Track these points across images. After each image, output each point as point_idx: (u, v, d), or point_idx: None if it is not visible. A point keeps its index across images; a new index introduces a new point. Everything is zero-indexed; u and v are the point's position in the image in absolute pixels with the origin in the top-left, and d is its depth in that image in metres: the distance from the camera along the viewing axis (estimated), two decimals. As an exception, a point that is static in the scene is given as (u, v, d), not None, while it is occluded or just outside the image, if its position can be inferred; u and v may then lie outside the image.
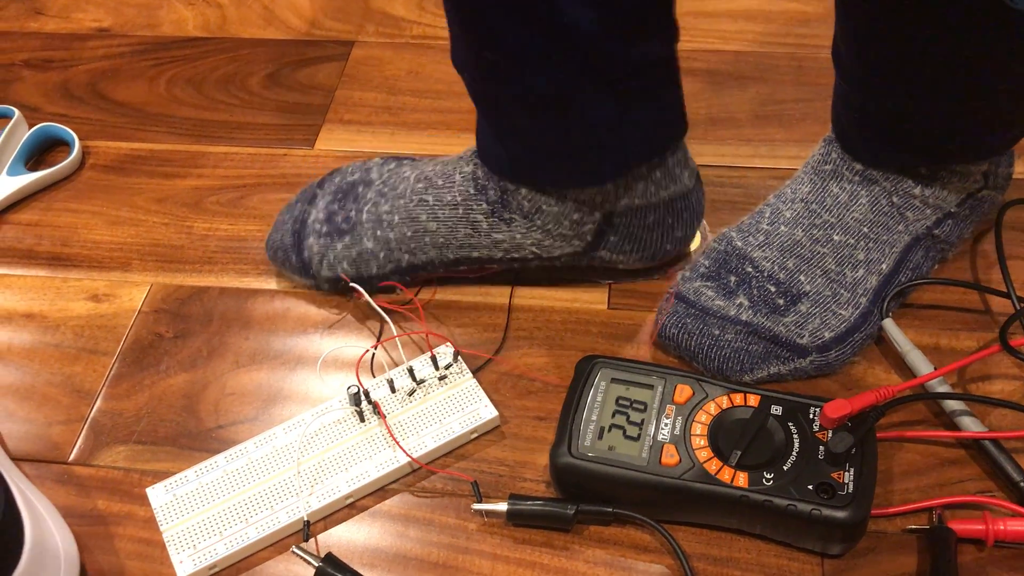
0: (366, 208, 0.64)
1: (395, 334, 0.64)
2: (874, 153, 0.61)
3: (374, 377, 0.61)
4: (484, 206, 0.61)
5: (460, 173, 0.62)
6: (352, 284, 0.64)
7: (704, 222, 0.68)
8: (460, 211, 0.61)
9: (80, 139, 0.80)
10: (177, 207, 0.75)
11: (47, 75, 0.89)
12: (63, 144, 0.82)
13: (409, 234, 0.63)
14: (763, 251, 0.61)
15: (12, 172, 0.77)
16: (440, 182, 0.63)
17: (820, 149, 0.63)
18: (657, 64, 0.56)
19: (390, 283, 0.65)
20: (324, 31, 0.91)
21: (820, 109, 0.79)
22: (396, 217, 0.63)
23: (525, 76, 0.54)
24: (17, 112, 0.81)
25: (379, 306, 0.63)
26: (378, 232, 0.63)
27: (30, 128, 0.81)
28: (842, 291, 0.60)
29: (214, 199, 0.76)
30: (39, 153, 0.82)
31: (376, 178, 0.66)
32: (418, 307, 0.66)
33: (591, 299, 0.66)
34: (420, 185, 0.63)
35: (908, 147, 0.60)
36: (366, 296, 0.63)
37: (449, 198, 0.62)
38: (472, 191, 0.61)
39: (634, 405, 0.55)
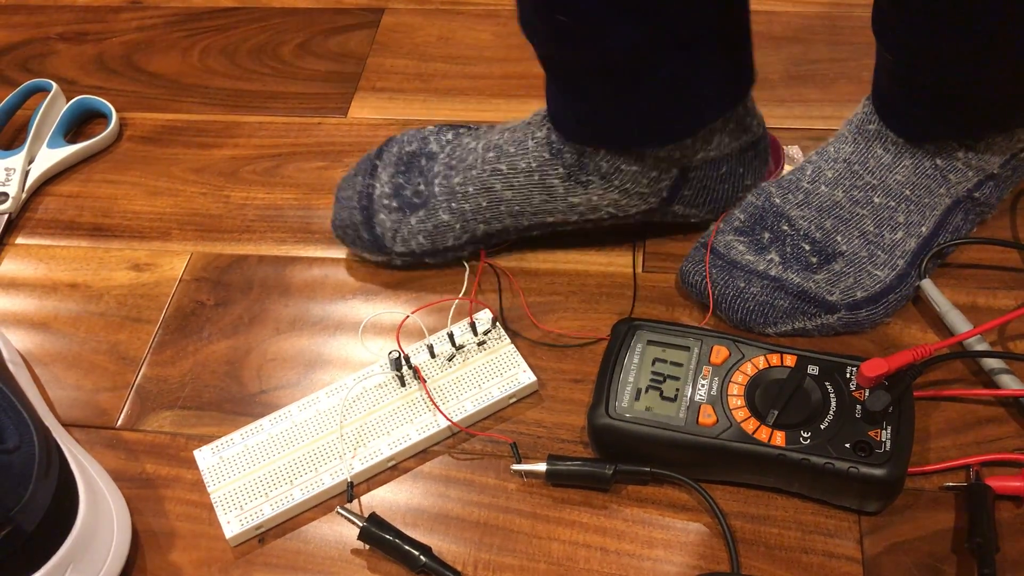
0: (436, 180, 0.64)
1: (435, 300, 0.65)
2: (921, 127, 0.60)
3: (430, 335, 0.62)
4: (560, 170, 0.61)
5: (533, 139, 0.62)
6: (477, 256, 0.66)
7: (796, 147, 0.69)
8: (536, 177, 0.61)
9: (117, 111, 0.81)
10: (214, 177, 0.76)
11: (82, 48, 0.90)
12: (100, 116, 0.83)
13: (484, 204, 0.63)
14: (801, 210, 0.61)
15: (52, 144, 0.79)
16: (512, 149, 0.62)
17: (863, 108, 0.62)
18: (731, 18, 0.56)
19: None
20: (354, -1, 0.92)
21: (855, 69, 0.78)
22: (470, 188, 0.63)
23: (600, 39, 0.53)
24: (55, 85, 0.82)
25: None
26: (452, 204, 0.63)
27: (68, 101, 0.82)
28: (879, 252, 0.60)
29: (250, 168, 0.77)
30: (77, 125, 0.83)
31: (437, 150, 0.66)
32: (477, 277, 0.66)
33: (626, 262, 0.66)
34: (491, 155, 0.63)
35: (958, 118, 0.58)
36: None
37: (523, 165, 0.62)
38: (547, 156, 0.61)
39: (671, 366, 0.56)
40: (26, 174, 0.77)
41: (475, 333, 0.61)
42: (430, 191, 0.64)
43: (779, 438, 0.52)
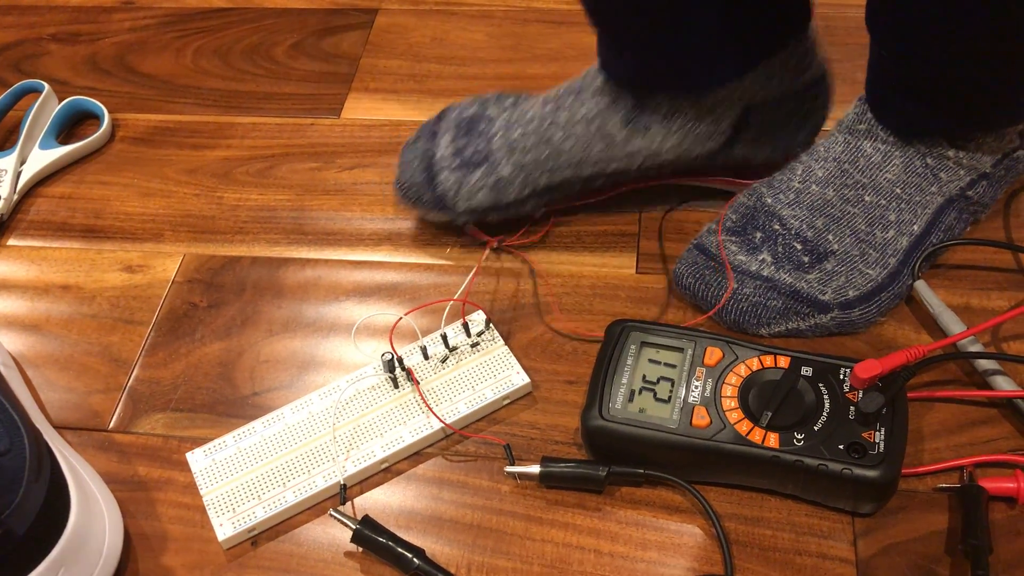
0: (496, 137, 0.65)
1: (428, 301, 0.65)
2: (913, 122, 0.60)
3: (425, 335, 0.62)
4: (619, 116, 0.62)
5: (590, 89, 0.63)
6: (480, 236, 0.67)
7: None
8: (595, 125, 0.62)
9: (109, 112, 0.81)
10: (207, 178, 0.76)
11: (75, 48, 0.90)
12: (93, 117, 0.83)
13: (544, 155, 0.63)
14: (792, 209, 0.61)
15: (44, 146, 0.78)
16: (570, 99, 0.63)
17: (855, 108, 0.62)
18: None
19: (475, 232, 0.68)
20: (348, -1, 0.91)
21: (849, 69, 0.78)
22: (530, 140, 0.63)
23: None
24: (47, 86, 0.82)
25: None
26: (513, 158, 0.63)
27: (60, 102, 0.82)
28: (871, 251, 0.60)
29: (243, 169, 0.76)
30: (70, 126, 0.83)
31: (497, 113, 0.67)
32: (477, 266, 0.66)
33: (619, 264, 0.66)
34: (549, 108, 0.64)
35: (950, 114, 0.59)
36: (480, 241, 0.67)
37: (582, 113, 0.62)
38: (605, 103, 0.62)
39: (664, 368, 0.56)
40: (18, 175, 0.77)
41: (468, 334, 0.61)
42: (490, 148, 0.64)
43: (773, 440, 0.52)
